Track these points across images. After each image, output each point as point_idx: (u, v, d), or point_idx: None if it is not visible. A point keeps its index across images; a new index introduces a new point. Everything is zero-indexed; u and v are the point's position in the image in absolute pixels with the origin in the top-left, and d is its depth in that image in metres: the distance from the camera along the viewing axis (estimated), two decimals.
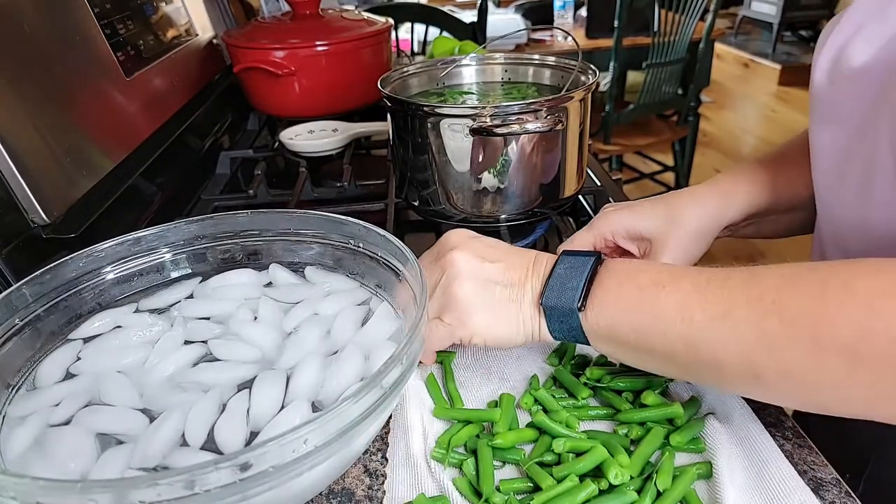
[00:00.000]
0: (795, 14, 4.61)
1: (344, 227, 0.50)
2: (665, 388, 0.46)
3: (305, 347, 0.45)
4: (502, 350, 0.52)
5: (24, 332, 0.44)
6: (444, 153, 0.59)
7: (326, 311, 0.48)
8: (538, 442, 0.42)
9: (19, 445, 0.38)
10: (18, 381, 0.43)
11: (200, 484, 0.28)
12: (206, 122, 0.97)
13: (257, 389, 0.41)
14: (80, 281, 0.47)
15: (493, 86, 0.72)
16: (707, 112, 3.94)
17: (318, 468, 0.33)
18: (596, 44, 2.48)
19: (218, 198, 0.81)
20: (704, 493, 0.39)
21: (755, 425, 0.42)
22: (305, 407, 0.39)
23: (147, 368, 0.44)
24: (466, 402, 0.47)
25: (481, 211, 0.62)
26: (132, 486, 0.28)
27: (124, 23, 0.80)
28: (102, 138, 0.70)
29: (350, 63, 0.96)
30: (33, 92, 0.61)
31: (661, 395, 0.45)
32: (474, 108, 0.57)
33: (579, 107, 0.60)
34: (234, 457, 0.29)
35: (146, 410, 0.41)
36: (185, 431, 0.38)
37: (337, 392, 0.40)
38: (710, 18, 2.34)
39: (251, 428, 0.39)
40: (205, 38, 1.05)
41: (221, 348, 0.46)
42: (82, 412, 0.41)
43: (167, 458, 0.37)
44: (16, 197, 0.55)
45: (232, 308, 0.49)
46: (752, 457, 0.40)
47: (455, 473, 0.41)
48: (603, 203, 0.73)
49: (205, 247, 0.53)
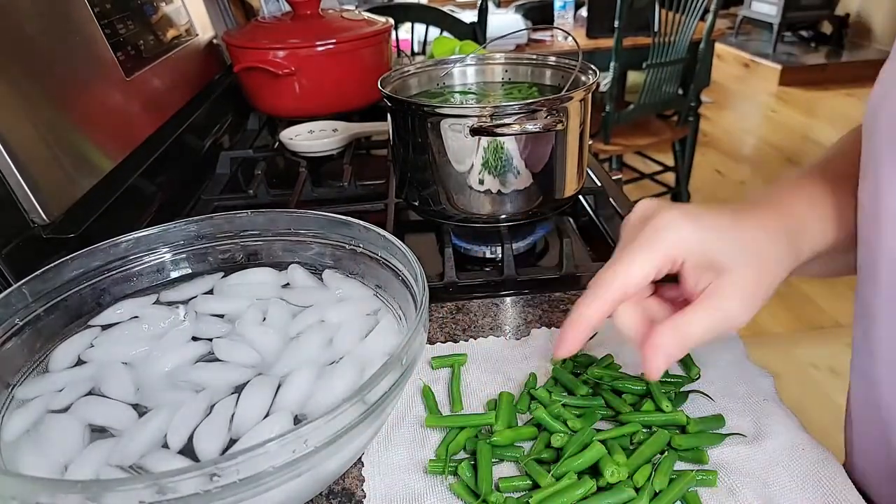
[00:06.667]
0: (796, 14, 4.61)
1: (344, 228, 0.50)
2: (673, 395, 0.45)
3: (303, 355, 0.45)
4: (508, 350, 0.52)
5: (24, 332, 0.44)
6: (444, 153, 0.59)
7: (332, 318, 0.48)
8: (537, 439, 0.42)
9: (16, 428, 0.39)
10: (34, 364, 0.44)
11: (165, 491, 0.28)
12: (206, 122, 0.97)
13: (245, 396, 0.41)
14: (81, 281, 0.48)
15: (494, 86, 0.72)
16: (707, 112, 3.94)
17: (291, 483, 0.32)
18: (596, 44, 2.48)
19: (218, 198, 0.81)
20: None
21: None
22: (287, 419, 0.39)
23: (150, 362, 0.44)
24: (469, 403, 0.47)
25: (481, 211, 0.62)
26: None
27: (124, 23, 0.80)
28: (102, 138, 0.70)
29: (350, 63, 0.96)
30: (33, 92, 0.61)
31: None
32: (474, 109, 0.57)
33: (579, 107, 0.60)
34: (200, 467, 0.29)
35: (139, 406, 0.41)
36: (168, 433, 0.38)
37: (323, 405, 0.40)
38: (710, 18, 2.34)
39: (232, 434, 0.39)
40: (205, 38, 1.05)
41: (223, 348, 0.46)
42: (80, 401, 0.41)
43: (144, 458, 0.37)
44: (16, 197, 0.55)
45: (246, 307, 0.49)
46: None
47: (453, 479, 0.41)
48: (603, 203, 0.73)
49: (205, 247, 0.53)
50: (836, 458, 0.40)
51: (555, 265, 0.64)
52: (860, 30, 4.70)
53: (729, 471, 0.40)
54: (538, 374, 0.48)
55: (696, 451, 0.41)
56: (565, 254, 0.61)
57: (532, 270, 0.63)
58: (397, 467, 0.42)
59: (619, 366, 0.48)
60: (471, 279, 0.62)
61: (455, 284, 0.61)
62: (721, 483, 0.39)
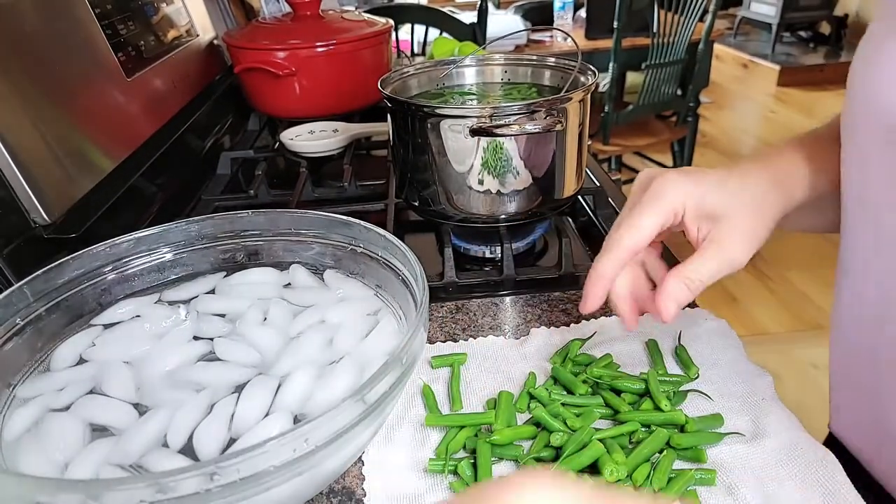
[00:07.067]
0: (794, 15, 4.62)
1: (344, 228, 0.51)
2: (672, 394, 0.45)
3: (304, 356, 0.45)
4: (508, 349, 0.52)
5: (25, 332, 0.44)
6: (444, 154, 0.60)
7: (333, 318, 0.48)
8: (537, 438, 0.42)
9: (17, 427, 0.39)
10: (35, 363, 0.44)
11: (166, 491, 0.28)
12: (206, 123, 0.97)
13: (245, 395, 0.41)
14: (81, 280, 0.48)
15: (493, 86, 0.73)
16: (706, 113, 3.94)
17: (291, 482, 0.32)
18: (595, 44, 2.48)
19: (218, 198, 0.81)
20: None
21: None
22: (286, 418, 0.39)
23: (151, 361, 0.45)
24: (469, 402, 0.47)
25: (481, 211, 0.62)
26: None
27: (125, 23, 0.80)
28: (103, 139, 0.70)
29: (350, 64, 0.96)
30: (34, 92, 0.61)
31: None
32: (474, 109, 0.57)
33: (578, 107, 0.60)
34: (200, 467, 0.29)
35: (139, 405, 0.41)
36: (168, 432, 0.39)
37: (323, 405, 0.40)
38: (709, 19, 2.35)
39: (232, 434, 0.39)
40: (205, 38, 1.05)
41: (224, 348, 0.46)
42: (81, 400, 0.41)
43: (144, 457, 0.37)
44: (17, 197, 0.55)
45: (247, 306, 0.50)
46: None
47: (452, 478, 0.41)
48: (603, 203, 0.73)
49: (205, 247, 0.53)
50: (835, 458, 0.40)
51: (554, 265, 0.64)
52: (859, 30, 4.70)
53: (728, 470, 0.40)
54: (537, 374, 0.49)
55: (694, 451, 0.41)
56: (564, 254, 0.62)
57: (531, 270, 0.63)
58: (397, 466, 0.42)
59: (619, 365, 0.48)
60: (470, 279, 0.62)
61: (455, 284, 0.61)
62: (720, 482, 0.39)
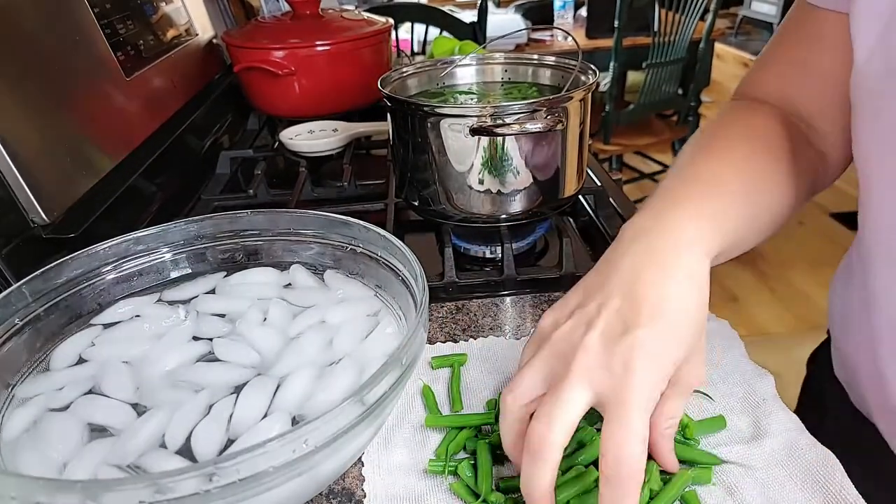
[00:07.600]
0: None
1: (344, 227, 0.50)
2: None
3: (303, 356, 0.44)
4: (508, 349, 0.52)
5: (24, 332, 0.44)
6: (444, 153, 0.59)
7: (333, 319, 0.48)
8: None
9: (16, 427, 0.39)
10: (34, 363, 0.44)
11: (165, 491, 0.28)
12: (206, 122, 0.97)
13: (244, 396, 0.41)
14: (80, 280, 0.48)
15: (493, 86, 0.72)
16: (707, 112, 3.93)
17: (290, 483, 0.32)
18: (596, 44, 2.48)
19: (218, 198, 0.81)
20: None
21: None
22: (285, 419, 0.39)
23: (150, 361, 0.44)
24: (469, 403, 0.47)
25: (481, 211, 0.62)
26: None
27: (124, 23, 0.80)
28: (102, 138, 0.70)
29: (350, 63, 0.96)
30: (33, 92, 0.61)
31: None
32: (474, 108, 0.57)
33: (579, 107, 0.60)
34: (199, 467, 0.29)
35: (138, 405, 0.41)
36: (166, 433, 0.38)
37: (322, 406, 0.40)
38: (710, 18, 2.35)
39: (230, 435, 0.39)
40: (205, 37, 1.05)
41: (223, 349, 0.46)
42: (80, 400, 0.41)
43: (142, 457, 0.37)
44: (16, 197, 0.55)
45: (247, 307, 0.49)
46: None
47: (453, 479, 0.41)
48: (603, 203, 0.73)
49: (205, 247, 0.53)
50: (836, 458, 0.40)
51: (554, 265, 0.64)
52: None
53: (728, 470, 0.40)
54: None
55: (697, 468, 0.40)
56: (565, 253, 0.61)
57: (532, 270, 0.63)
58: (397, 467, 0.42)
59: None
60: (471, 279, 0.62)
61: (455, 284, 0.61)
62: (720, 482, 0.39)
